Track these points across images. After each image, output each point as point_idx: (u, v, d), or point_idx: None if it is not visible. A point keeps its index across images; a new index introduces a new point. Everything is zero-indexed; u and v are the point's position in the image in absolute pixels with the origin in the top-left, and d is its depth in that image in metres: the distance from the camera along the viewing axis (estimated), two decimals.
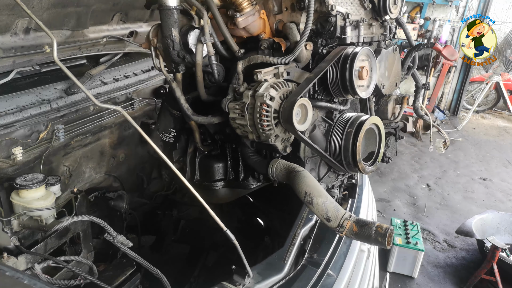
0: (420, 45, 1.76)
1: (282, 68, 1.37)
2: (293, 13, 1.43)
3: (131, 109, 2.27)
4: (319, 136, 1.47)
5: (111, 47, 2.31)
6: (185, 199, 2.25)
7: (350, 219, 1.21)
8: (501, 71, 7.18)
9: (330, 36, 1.46)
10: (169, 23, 1.35)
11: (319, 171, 1.58)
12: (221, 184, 1.73)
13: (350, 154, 1.44)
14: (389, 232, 1.14)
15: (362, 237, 1.18)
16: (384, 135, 1.57)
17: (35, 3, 1.58)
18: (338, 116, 1.51)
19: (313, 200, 1.25)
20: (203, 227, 2.23)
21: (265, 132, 1.31)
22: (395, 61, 1.71)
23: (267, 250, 1.93)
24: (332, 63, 1.37)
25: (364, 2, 1.51)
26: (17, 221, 1.42)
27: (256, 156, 1.57)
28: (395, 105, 1.76)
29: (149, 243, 2.37)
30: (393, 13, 1.57)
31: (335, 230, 1.23)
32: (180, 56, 1.43)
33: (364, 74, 1.39)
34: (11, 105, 1.70)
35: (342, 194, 1.98)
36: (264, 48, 1.48)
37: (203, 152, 1.76)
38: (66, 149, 1.89)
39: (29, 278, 0.84)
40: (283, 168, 1.42)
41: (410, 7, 7.92)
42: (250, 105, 1.31)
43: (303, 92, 1.29)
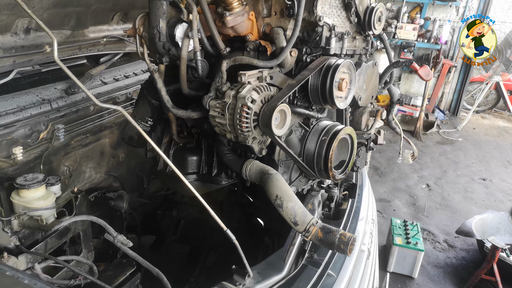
0: (398, 62, 1.82)
1: (266, 72, 1.38)
2: (281, 18, 1.44)
3: (131, 109, 2.27)
4: (295, 140, 1.50)
5: (111, 47, 2.31)
6: (185, 199, 2.26)
7: (316, 225, 1.24)
8: (501, 71, 7.18)
9: (315, 46, 1.48)
10: (157, 13, 1.36)
11: (291, 175, 1.61)
12: (194, 177, 1.73)
13: (322, 161, 1.47)
14: (351, 240, 1.18)
15: (326, 243, 1.22)
16: (355, 145, 1.61)
17: (36, 3, 1.58)
18: (315, 123, 1.53)
19: (283, 204, 1.28)
20: (203, 227, 2.23)
21: (243, 134, 1.33)
22: (374, 75, 1.76)
23: (267, 250, 1.93)
24: (315, 72, 1.40)
25: (350, 16, 1.54)
26: (17, 221, 1.41)
27: (231, 154, 1.59)
28: (369, 117, 1.82)
29: (149, 243, 2.37)
30: (376, 30, 1.61)
31: (301, 235, 1.26)
32: (166, 48, 1.43)
33: (344, 85, 1.42)
34: (11, 105, 1.70)
35: (342, 194, 1.98)
36: (250, 50, 1.49)
37: (178, 144, 1.76)
38: (66, 149, 1.89)
39: (30, 278, 0.84)
40: (256, 169, 1.44)
41: (410, 7, 7.92)
42: (231, 106, 1.33)
43: (284, 97, 1.32)
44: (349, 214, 1.82)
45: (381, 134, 1.89)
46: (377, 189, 4.98)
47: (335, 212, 1.87)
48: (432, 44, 7.59)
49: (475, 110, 8.10)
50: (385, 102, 2.06)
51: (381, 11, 1.58)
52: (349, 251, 1.18)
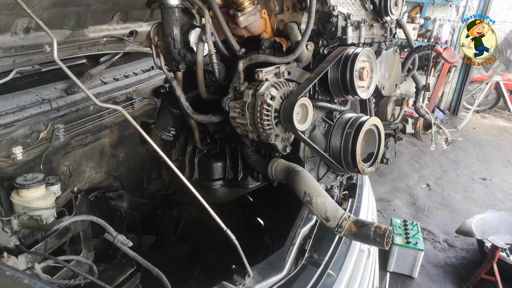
0: (420, 47, 1.76)
1: (283, 68, 1.37)
2: (294, 13, 1.43)
3: (131, 109, 2.27)
4: (319, 136, 1.48)
5: (111, 46, 2.31)
6: (185, 199, 2.25)
7: (349, 219, 1.21)
8: (501, 71, 7.18)
9: (331, 37, 1.46)
10: (170, 21, 1.36)
11: (318, 171, 1.58)
12: (220, 184, 1.73)
13: (349, 155, 1.44)
14: (387, 233, 1.15)
15: (361, 238, 1.19)
16: (383, 136, 1.57)
17: (35, 3, 1.58)
18: (338, 117, 1.51)
19: (312, 200, 1.25)
20: (203, 227, 2.23)
21: (265, 132, 1.31)
22: (395, 63, 1.72)
23: (267, 250, 1.93)
24: (333, 64, 1.37)
25: (365, 3, 1.51)
26: (17, 220, 1.41)
27: (255, 155, 1.57)
28: (395, 106, 1.77)
29: (149, 243, 2.37)
30: (394, 14, 1.57)
31: (334, 230, 1.23)
32: (181, 54, 1.43)
33: (365, 75, 1.39)
34: (11, 105, 1.69)
35: (342, 194, 1.98)
36: (265, 48, 1.48)
37: (202, 151, 1.76)
38: (66, 149, 1.89)
39: (29, 278, 0.83)
40: (282, 167, 1.42)
41: (410, 7, 7.91)
42: (251, 104, 1.31)
43: (304, 91, 1.29)
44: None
45: (409, 123, 1.85)
46: (377, 189, 4.98)
47: None
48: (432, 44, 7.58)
49: (475, 109, 8.10)
50: None
51: None
52: (386, 243, 1.15)
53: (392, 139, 1.79)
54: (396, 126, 1.80)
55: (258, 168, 1.55)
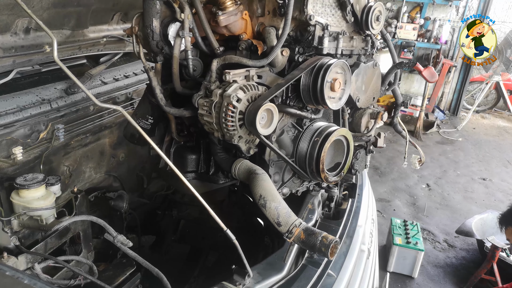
0: (401, 63, 1.77)
1: (254, 71, 1.38)
2: (274, 17, 1.44)
3: (131, 109, 2.27)
4: (287, 141, 1.50)
5: (111, 46, 2.31)
6: (185, 199, 2.25)
7: (299, 226, 1.23)
8: (501, 71, 7.18)
9: (308, 45, 1.47)
10: (150, 13, 1.37)
11: (283, 176, 1.59)
12: (192, 176, 1.74)
13: (314, 162, 1.46)
14: (333, 243, 1.16)
15: (308, 245, 1.20)
16: (352, 148, 1.59)
17: (35, 3, 1.58)
18: (308, 124, 1.52)
19: (266, 204, 1.27)
20: (203, 227, 2.23)
21: (229, 132, 1.33)
22: (374, 76, 1.72)
23: (267, 250, 1.93)
24: (306, 72, 1.39)
25: (346, 15, 1.52)
26: (17, 221, 1.41)
27: (223, 153, 1.59)
28: (370, 119, 1.78)
29: (149, 243, 2.37)
30: (374, 29, 1.57)
31: (284, 236, 1.25)
32: (159, 46, 1.45)
33: (337, 86, 1.40)
34: (11, 105, 1.69)
35: (342, 194, 1.98)
36: (242, 49, 1.49)
37: (179, 142, 1.77)
38: (66, 149, 1.89)
39: (29, 278, 0.84)
40: (245, 168, 1.44)
41: (410, 7, 7.91)
42: (218, 104, 1.33)
43: (270, 97, 1.31)
44: (349, 214, 1.82)
45: (381, 137, 1.84)
46: (377, 189, 4.98)
47: (335, 212, 1.87)
48: (432, 44, 7.59)
49: (475, 110, 8.10)
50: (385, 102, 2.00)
51: (380, 10, 1.54)
52: (330, 254, 1.16)
53: (363, 151, 1.81)
54: (368, 139, 1.82)
55: (223, 165, 1.57)
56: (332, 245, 1.16)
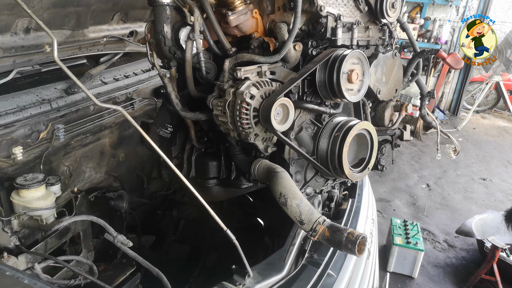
0: (423, 51, 1.69)
1: (266, 67, 1.36)
2: (284, 13, 1.43)
3: (131, 109, 2.27)
4: (306, 138, 1.46)
5: (111, 47, 2.31)
6: (185, 199, 2.25)
7: (323, 223, 1.18)
8: (501, 71, 7.18)
9: (321, 38, 1.44)
10: (161, 19, 1.38)
11: (305, 174, 1.55)
12: (214, 182, 1.72)
13: (336, 159, 1.42)
14: (359, 239, 1.10)
15: (333, 243, 1.15)
16: (376, 142, 1.53)
17: (35, 3, 1.58)
18: (328, 120, 1.49)
19: (287, 202, 1.23)
20: (203, 227, 2.23)
21: (244, 130, 1.32)
22: (395, 67, 1.67)
23: (267, 250, 1.93)
24: (321, 65, 1.36)
25: (359, 4, 1.48)
26: (17, 220, 1.41)
27: (241, 155, 1.57)
28: (393, 112, 1.72)
29: (149, 243, 2.37)
30: (390, 17, 1.53)
31: (308, 234, 1.21)
32: (171, 52, 1.45)
33: (354, 77, 1.36)
34: (11, 105, 1.69)
35: (342, 194, 1.98)
36: (254, 47, 1.48)
37: (199, 150, 1.76)
38: (66, 149, 1.89)
39: (29, 278, 0.83)
40: (264, 168, 1.40)
41: (410, 7, 7.91)
42: (231, 103, 1.32)
43: (284, 91, 1.29)
44: (349, 214, 1.82)
45: (407, 130, 1.75)
46: (377, 189, 4.98)
47: (335, 212, 1.86)
48: (432, 44, 7.59)
49: (475, 110, 8.10)
50: None
51: None
52: (358, 251, 1.10)
53: (389, 146, 1.75)
54: (393, 133, 1.76)
55: (243, 167, 1.55)
56: (359, 241, 1.10)
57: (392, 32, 1.65)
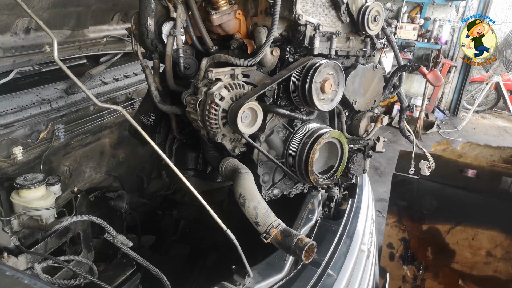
0: (405, 65, 1.72)
1: (239, 70, 1.38)
2: (266, 17, 1.44)
3: (131, 109, 2.27)
4: (277, 141, 1.49)
5: (111, 46, 2.31)
6: (185, 199, 2.26)
7: (277, 227, 1.20)
8: (501, 71, 7.18)
9: (299, 45, 1.46)
10: (145, 12, 1.41)
11: (274, 176, 1.57)
12: (191, 173, 1.76)
13: (303, 164, 1.45)
14: (307, 246, 1.12)
15: (283, 247, 1.18)
16: (346, 151, 1.57)
17: (36, 3, 1.58)
18: (300, 126, 1.51)
19: (245, 203, 1.25)
20: (203, 227, 2.23)
21: (212, 130, 1.35)
22: (375, 79, 1.68)
23: (267, 250, 1.93)
24: (296, 72, 1.38)
25: (341, 15, 1.48)
26: (17, 220, 1.42)
27: (214, 151, 1.60)
28: (369, 123, 1.74)
29: (149, 243, 2.37)
30: (372, 30, 1.52)
31: (261, 236, 1.23)
32: (153, 45, 1.48)
33: (327, 87, 1.37)
34: (11, 105, 1.70)
35: (342, 194, 1.98)
36: (233, 48, 1.50)
37: (180, 140, 1.79)
38: (66, 149, 1.89)
39: (29, 278, 0.84)
40: (231, 167, 1.43)
41: (410, 7, 7.92)
42: (202, 102, 1.35)
43: (254, 96, 1.31)
44: (349, 214, 1.82)
45: (380, 141, 1.79)
46: (377, 189, 4.98)
47: (335, 212, 1.87)
48: (432, 44, 7.60)
49: (475, 110, 8.10)
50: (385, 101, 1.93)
51: (377, 10, 1.49)
52: (305, 258, 1.12)
53: (361, 155, 1.77)
54: (366, 143, 1.77)
55: (212, 163, 1.58)
56: (306, 248, 1.12)
57: (375, 44, 1.66)
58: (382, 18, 1.53)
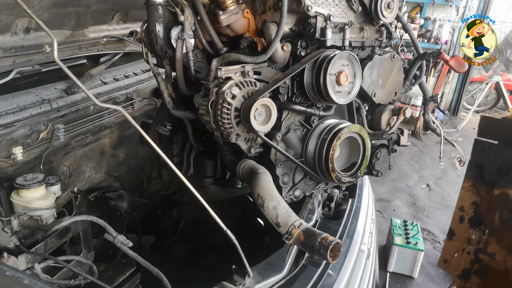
0: (425, 53, 1.62)
1: (249, 67, 1.35)
2: (275, 13, 1.42)
3: (131, 109, 2.27)
4: (294, 140, 1.44)
5: (111, 47, 2.31)
6: (185, 199, 2.26)
7: (299, 227, 1.15)
8: (501, 71, 7.18)
9: (310, 38, 1.42)
10: (153, 18, 1.39)
11: (294, 177, 1.52)
12: (210, 181, 1.73)
13: (323, 162, 1.40)
14: (332, 245, 1.07)
15: (307, 247, 1.12)
16: (368, 146, 1.50)
17: (35, 3, 1.58)
18: (318, 122, 1.46)
19: (264, 204, 1.21)
20: (203, 227, 2.23)
21: (226, 130, 1.32)
22: (394, 69, 1.60)
23: (267, 250, 1.93)
24: (309, 66, 1.34)
25: (352, 4, 1.44)
26: (17, 220, 1.41)
27: (230, 154, 1.57)
28: (391, 116, 1.67)
29: (149, 243, 2.37)
30: (386, 18, 1.48)
31: (283, 237, 1.18)
32: (163, 50, 1.47)
33: (343, 79, 1.33)
34: (11, 105, 1.69)
35: (342, 194, 1.98)
36: (243, 47, 1.48)
37: (198, 148, 1.77)
38: (66, 149, 1.89)
39: (29, 278, 0.84)
40: (248, 168, 1.39)
41: (410, 7, 7.92)
42: (214, 102, 1.33)
43: (267, 92, 1.28)
44: (349, 214, 1.82)
45: (404, 134, 1.70)
46: (377, 189, 4.98)
47: (335, 212, 1.87)
48: (432, 44, 7.59)
49: (475, 110, 8.10)
50: None
51: None
52: (330, 257, 1.07)
53: (385, 150, 1.69)
54: (389, 137, 1.70)
55: (229, 167, 1.55)
56: (331, 247, 1.07)
57: (392, 33, 1.59)
58: (396, 5, 1.48)
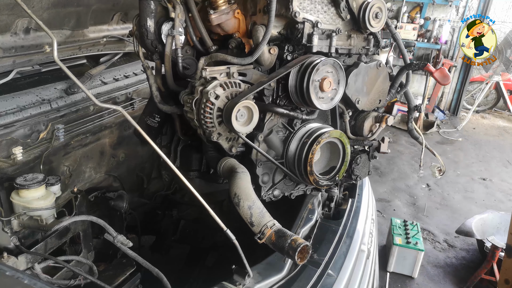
0: (412, 64, 1.66)
1: (234, 68, 1.37)
2: (264, 16, 1.43)
3: (131, 109, 2.27)
4: (276, 141, 1.48)
5: (111, 47, 2.31)
6: (185, 199, 2.25)
7: (271, 228, 1.18)
8: (501, 71, 7.17)
9: (297, 43, 1.44)
10: (145, 13, 1.42)
11: (274, 177, 1.56)
12: (195, 174, 1.76)
13: (302, 165, 1.44)
14: (301, 247, 1.09)
15: (277, 248, 1.16)
16: (348, 152, 1.54)
17: (35, 3, 1.58)
18: (300, 125, 1.50)
19: (240, 203, 1.24)
20: (203, 227, 2.23)
21: (208, 129, 1.35)
22: (379, 77, 1.63)
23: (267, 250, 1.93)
24: (294, 70, 1.36)
25: (341, 12, 1.46)
26: (17, 221, 1.41)
27: (213, 151, 1.59)
28: (374, 123, 1.70)
29: (149, 243, 2.37)
30: (374, 27, 1.49)
31: (255, 237, 1.20)
32: (153, 45, 1.49)
33: (326, 85, 1.35)
34: (11, 105, 1.70)
35: (342, 194, 1.98)
36: (232, 47, 1.50)
37: (185, 141, 1.79)
38: (66, 149, 1.89)
39: (29, 278, 0.84)
40: (228, 167, 1.42)
41: (410, 7, 7.91)
42: (198, 100, 1.35)
43: (250, 94, 1.31)
44: (349, 214, 1.82)
45: (385, 142, 1.74)
46: (377, 189, 4.98)
47: (335, 212, 1.87)
48: (432, 44, 7.59)
49: (475, 110, 8.09)
50: None
51: (379, 6, 1.46)
52: (299, 259, 1.09)
53: (365, 156, 1.73)
54: (370, 143, 1.73)
55: (211, 164, 1.58)
56: (300, 249, 1.08)
57: (380, 42, 1.62)
58: (384, 15, 1.50)
